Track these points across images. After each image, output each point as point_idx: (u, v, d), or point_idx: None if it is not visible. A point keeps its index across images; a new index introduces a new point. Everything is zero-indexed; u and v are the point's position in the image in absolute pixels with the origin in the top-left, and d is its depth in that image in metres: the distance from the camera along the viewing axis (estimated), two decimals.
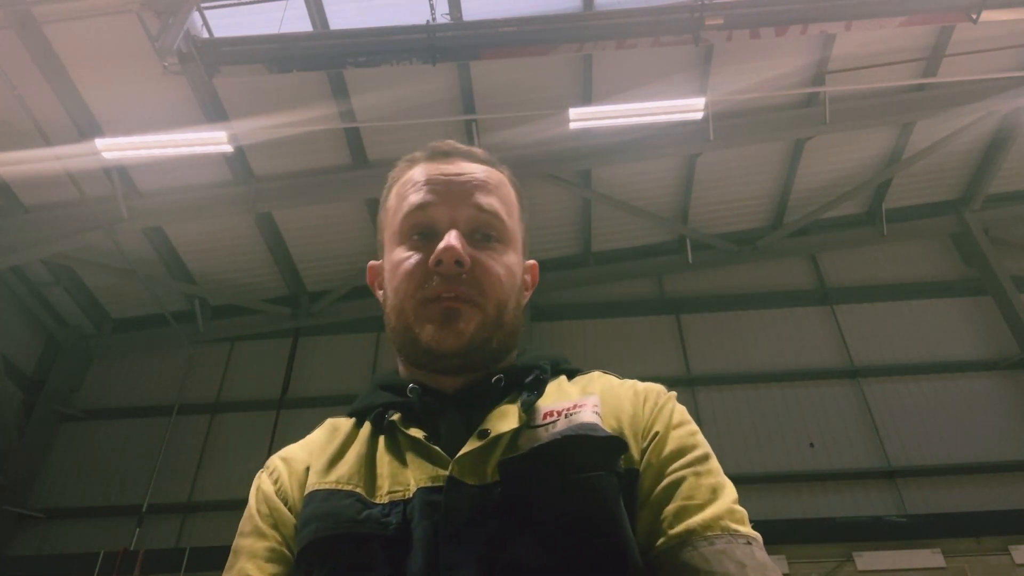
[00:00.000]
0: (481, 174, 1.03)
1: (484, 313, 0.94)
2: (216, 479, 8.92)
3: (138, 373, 10.00)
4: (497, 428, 0.88)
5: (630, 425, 0.92)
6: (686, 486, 0.85)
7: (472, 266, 0.93)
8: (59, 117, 7.40)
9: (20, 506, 8.78)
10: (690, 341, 9.65)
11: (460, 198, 0.99)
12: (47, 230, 8.28)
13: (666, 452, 0.89)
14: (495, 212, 1.00)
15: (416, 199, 0.99)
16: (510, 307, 0.98)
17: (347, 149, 8.51)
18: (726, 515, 0.83)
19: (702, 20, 6.14)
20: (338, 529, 0.85)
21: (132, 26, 6.67)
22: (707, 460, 0.90)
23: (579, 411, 0.91)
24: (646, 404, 0.95)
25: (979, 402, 8.78)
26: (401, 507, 0.85)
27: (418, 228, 0.98)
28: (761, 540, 0.84)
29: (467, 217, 0.98)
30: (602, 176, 9.23)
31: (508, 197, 1.06)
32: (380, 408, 0.98)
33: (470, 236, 0.97)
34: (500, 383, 0.95)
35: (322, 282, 9.98)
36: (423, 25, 6.26)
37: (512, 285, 0.99)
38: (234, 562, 0.91)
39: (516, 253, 1.03)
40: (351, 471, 0.92)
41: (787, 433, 8.70)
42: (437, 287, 0.92)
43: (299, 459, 0.99)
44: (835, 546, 7.53)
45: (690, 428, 0.93)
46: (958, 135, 8.69)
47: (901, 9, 6.26)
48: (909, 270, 9.96)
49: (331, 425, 1.05)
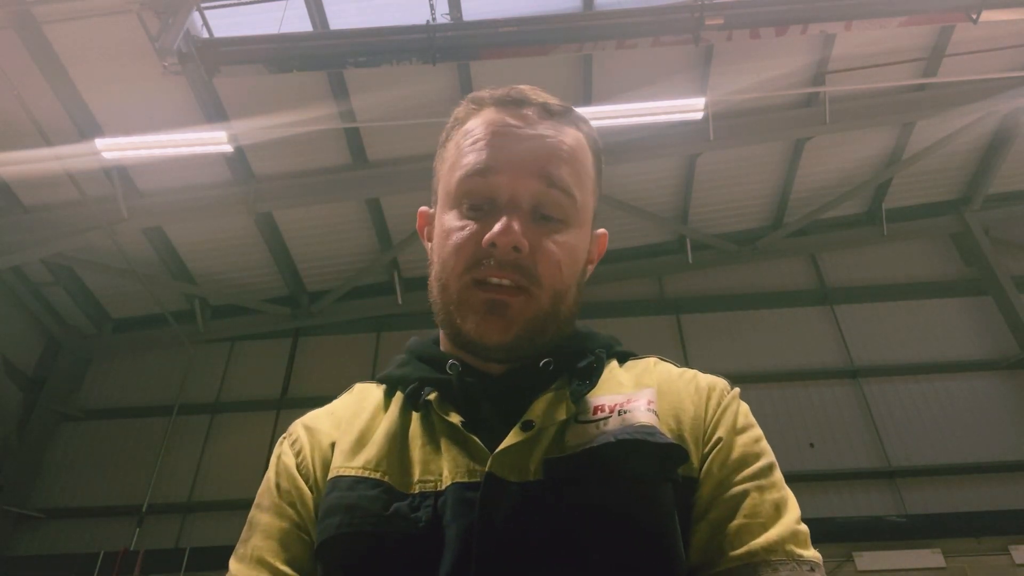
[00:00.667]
0: (559, 137, 0.90)
1: (538, 305, 0.84)
2: (216, 479, 8.92)
3: (138, 373, 10.00)
4: (542, 420, 0.81)
5: (691, 428, 0.84)
6: (749, 502, 0.78)
7: (531, 251, 0.83)
8: (59, 117, 7.39)
9: (20, 506, 8.78)
10: (690, 341, 9.65)
11: (527, 166, 0.86)
12: (47, 230, 8.28)
13: (730, 462, 0.81)
14: (566, 188, 0.88)
15: (476, 161, 0.87)
16: (570, 296, 0.89)
17: (347, 149, 8.51)
18: (790, 538, 0.77)
19: (702, 20, 6.13)
20: (363, 526, 0.78)
21: (132, 26, 6.66)
22: (771, 472, 0.83)
23: (633, 408, 0.83)
24: (709, 403, 0.87)
25: (979, 402, 8.77)
26: (432, 500, 0.78)
27: (475, 196, 0.87)
28: (822, 563, 0.78)
29: (533, 191, 0.86)
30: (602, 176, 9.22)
31: (584, 165, 0.93)
32: (416, 383, 0.89)
33: (533, 213, 0.86)
34: (548, 367, 0.87)
35: (322, 282, 9.98)
36: (423, 25, 6.25)
37: (574, 271, 0.89)
38: (248, 535, 0.87)
39: (584, 230, 0.92)
40: (380, 454, 0.84)
41: (787, 433, 8.69)
42: (488, 270, 0.83)
43: (324, 431, 0.93)
44: (835, 546, 7.53)
45: (755, 433, 0.86)
46: (958, 135, 8.69)
47: (901, 9, 6.25)
48: (909, 270, 9.96)
49: (360, 391, 0.98)
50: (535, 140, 0.88)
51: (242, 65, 6.32)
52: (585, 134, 0.96)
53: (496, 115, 0.91)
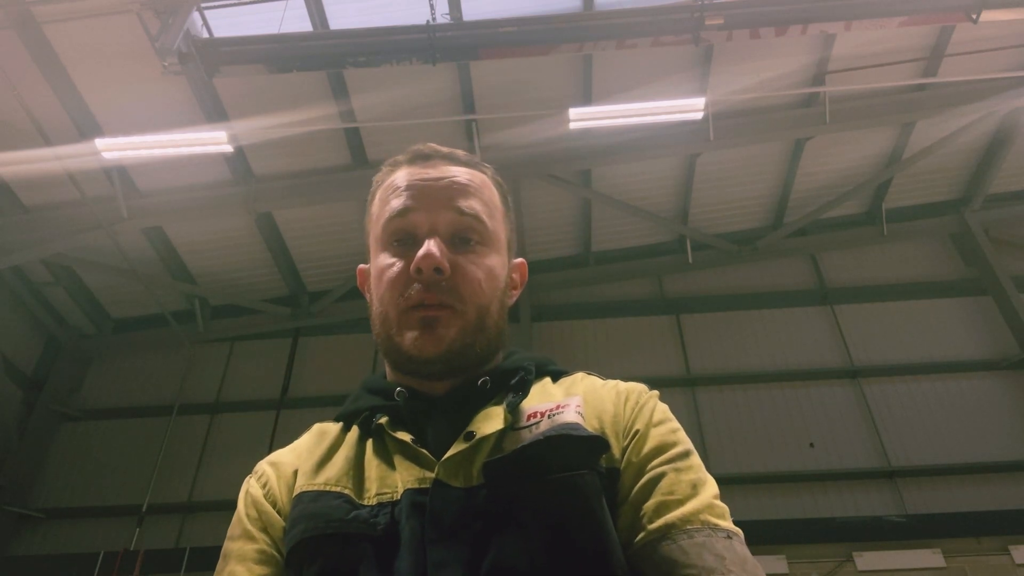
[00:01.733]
0: (462, 177, 1.02)
1: (464, 319, 0.94)
2: (216, 479, 8.92)
3: (138, 373, 10.00)
4: (482, 430, 0.89)
5: (612, 425, 0.92)
6: (666, 482, 0.85)
7: (452, 272, 0.94)
8: (59, 117, 7.40)
9: (20, 506, 8.79)
10: (690, 341, 9.65)
11: (440, 203, 0.98)
12: (47, 230, 8.28)
13: (646, 449, 0.89)
14: (476, 215, 0.99)
15: (396, 205, 0.99)
16: (492, 311, 0.98)
17: (347, 149, 8.51)
18: (706, 509, 0.83)
19: (702, 20, 6.13)
20: (327, 529, 0.85)
21: (132, 26, 6.67)
22: (688, 456, 0.89)
23: (562, 411, 0.92)
24: (627, 403, 0.96)
25: (979, 402, 8.77)
26: (389, 508, 0.86)
27: (399, 234, 0.98)
28: (743, 536, 0.83)
29: (447, 221, 0.97)
30: (602, 176, 9.23)
31: (491, 198, 1.05)
32: (367, 412, 0.98)
33: (450, 241, 0.97)
34: (486, 385, 0.96)
35: (322, 282, 9.99)
36: (423, 25, 6.25)
37: (494, 288, 0.99)
38: (223, 566, 0.92)
39: (499, 255, 1.03)
40: (339, 473, 0.93)
41: (787, 433, 8.70)
42: (418, 294, 0.93)
43: (287, 463, 1.00)
44: (835, 546, 7.54)
45: (671, 426, 0.93)
46: (958, 135, 8.69)
47: (901, 9, 6.25)
48: (909, 270, 9.96)
49: (319, 430, 1.05)
50: (445, 182, 1.01)
51: (242, 65, 6.33)
52: (489, 176, 1.09)
53: (411, 169, 1.04)
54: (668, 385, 8.75)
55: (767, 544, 7.23)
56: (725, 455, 8.47)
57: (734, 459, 8.34)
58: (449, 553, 0.80)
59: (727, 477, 7.96)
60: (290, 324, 10.02)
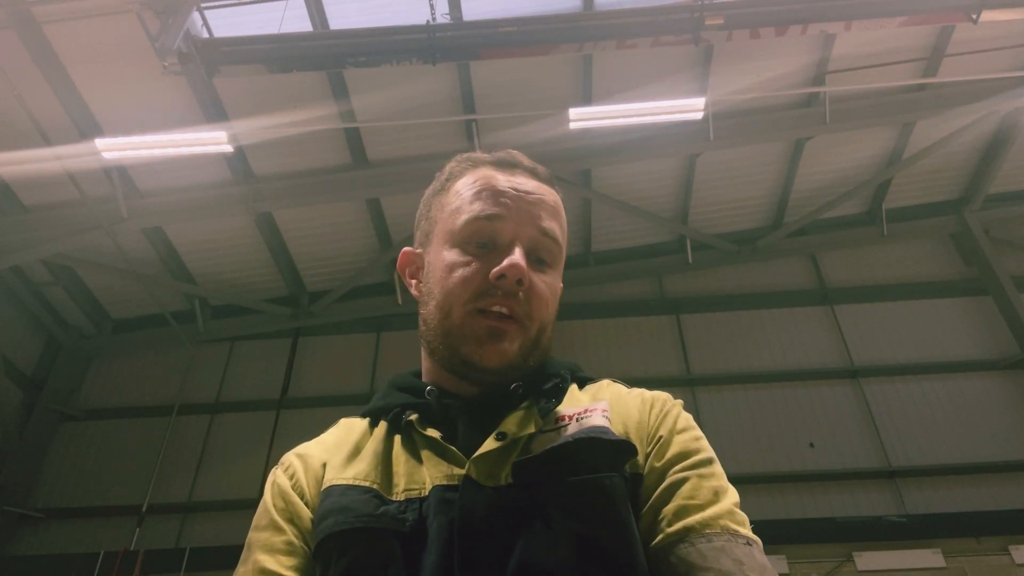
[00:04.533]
0: (548, 197, 1.04)
1: (526, 335, 0.96)
2: (216, 479, 8.92)
3: (138, 373, 10.00)
4: (514, 432, 0.90)
5: (636, 430, 0.94)
6: (687, 487, 0.86)
7: (528, 287, 0.95)
8: (59, 117, 7.40)
9: (20, 506, 8.79)
10: (690, 341, 9.65)
11: (528, 217, 1.00)
12: (47, 230, 8.27)
13: (669, 455, 0.90)
14: (555, 238, 1.02)
15: (485, 208, 0.99)
16: (548, 329, 1.02)
17: (347, 149, 8.51)
18: (727, 516, 0.84)
19: (702, 20, 6.14)
20: (356, 523, 0.86)
21: (132, 26, 6.66)
22: (710, 464, 0.91)
23: (590, 415, 0.93)
24: (652, 410, 0.97)
25: (979, 402, 8.78)
26: (417, 504, 0.87)
27: (480, 237, 0.98)
28: (761, 544, 0.84)
29: (530, 237, 0.99)
30: (602, 176, 9.23)
31: (563, 220, 1.07)
32: (398, 408, 1.00)
33: (528, 256, 0.97)
34: (518, 390, 0.97)
35: (322, 282, 9.99)
36: (423, 25, 6.26)
37: (554, 309, 1.03)
38: (248, 555, 0.92)
39: (559, 276, 1.06)
40: (368, 468, 0.94)
41: (787, 433, 8.70)
42: (493, 300, 0.94)
43: (315, 455, 1.01)
44: (835, 546, 7.54)
45: (694, 433, 0.95)
46: (958, 135, 8.68)
47: (901, 9, 6.25)
48: (909, 270, 9.96)
49: (345, 424, 1.06)
50: (534, 197, 1.02)
51: (242, 65, 6.33)
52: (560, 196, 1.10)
53: (495, 172, 1.04)
54: (668, 385, 8.67)
55: (767, 544, 7.07)
56: (725, 455, 8.31)
57: (734, 459, 8.33)
58: (478, 550, 0.81)
59: (727, 477, 7.95)
60: (290, 324, 10.01)
